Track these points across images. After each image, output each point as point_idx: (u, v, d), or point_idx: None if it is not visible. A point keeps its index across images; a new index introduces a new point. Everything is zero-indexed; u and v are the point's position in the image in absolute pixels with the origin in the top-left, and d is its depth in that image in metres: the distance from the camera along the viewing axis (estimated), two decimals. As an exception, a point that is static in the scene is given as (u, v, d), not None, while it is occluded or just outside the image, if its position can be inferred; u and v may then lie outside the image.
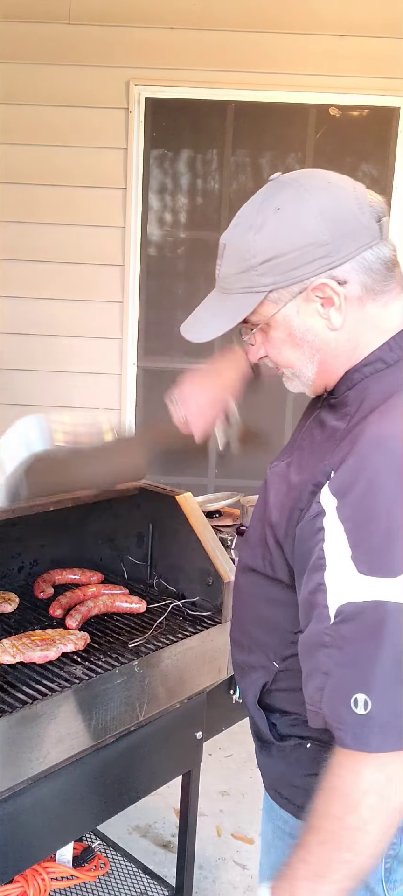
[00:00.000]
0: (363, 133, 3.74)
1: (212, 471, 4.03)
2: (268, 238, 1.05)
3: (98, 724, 1.55)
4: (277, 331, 1.09)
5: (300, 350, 1.09)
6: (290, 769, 1.19)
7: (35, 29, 3.60)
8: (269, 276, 1.05)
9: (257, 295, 1.06)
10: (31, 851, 1.56)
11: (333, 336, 1.06)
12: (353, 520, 0.95)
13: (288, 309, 1.06)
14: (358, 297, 1.04)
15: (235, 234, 1.12)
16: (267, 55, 3.60)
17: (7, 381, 3.86)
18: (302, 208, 1.04)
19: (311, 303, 1.05)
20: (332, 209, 1.02)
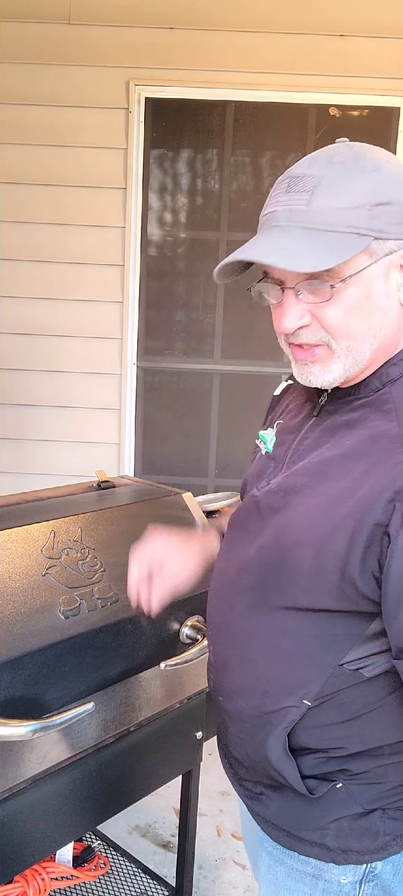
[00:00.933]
0: (363, 133, 3.73)
1: (212, 471, 4.03)
2: (388, 180, 0.97)
3: (98, 724, 1.56)
4: (356, 289, 0.96)
5: (368, 320, 0.98)
6: (320, 814, 1.10)
7: (35, 29, 3.60)
8: (379, 222, 0.95)
9: (363, 238, 0.94)
10: (31, 851, 1.56)
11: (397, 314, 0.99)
12: None
13: (378, 267, 0.96)
14: None
15: (338, 171, 0.99)
16: (267, 55, 3.60)
17: (7, 381, 3.86)
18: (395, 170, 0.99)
19: (394, 269, 0.97)
20: None
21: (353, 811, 1.08)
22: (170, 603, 1.38)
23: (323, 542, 0.99)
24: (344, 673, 1.03)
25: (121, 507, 1.86)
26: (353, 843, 1.10)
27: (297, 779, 1.10)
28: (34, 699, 1.40)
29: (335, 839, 1.10)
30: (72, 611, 1.51)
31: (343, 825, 1.08)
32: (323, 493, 1.00)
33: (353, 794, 1.09)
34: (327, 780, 1.10)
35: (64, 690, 1.46)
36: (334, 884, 1.12)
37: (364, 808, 1.09)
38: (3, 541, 1.55)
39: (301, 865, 1.14)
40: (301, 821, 1.12)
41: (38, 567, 1.55)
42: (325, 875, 1.12)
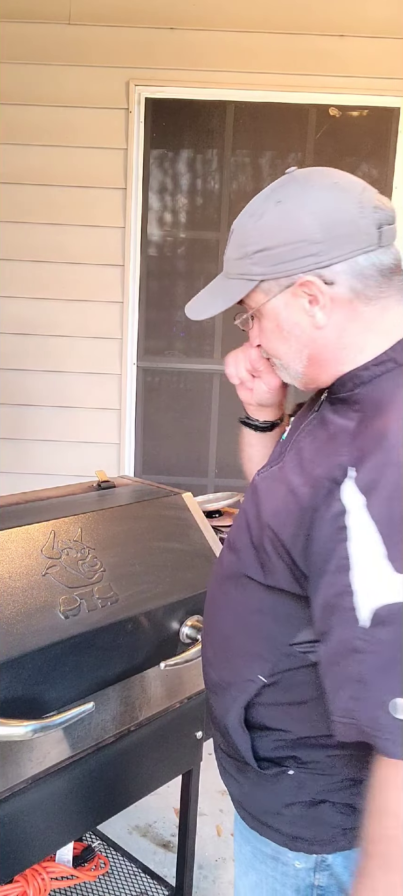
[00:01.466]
0: (363, 133, 3.74)
1: (212, 471, 4.03)
2: (265, 229, 1.07)
3: (98, 724, 1.56)
4: (268, 321, 1.12)
5: (287, 343, 1.11)
6: (274, 798, 1.16)
7: (35, 29, 3.60)
8: (261, 266, 1.08)
9: (249, 283, 1.10)
10: (31, 851, 1.56)
11: (319, 334, 1.08)
12: (388, 518, 0.92)
13: (276, 301, 1.09)
14: (348, 300, 1.05)
15: (241, 221, 1.13)
16: (267, 55, 3.60)
17: (7, 381, 3.86)
18: (300, 205, 1.05)
19: (299, 298, 1.07)
20: (330, 210, 1.03)
21: (303, 799, 1.11)
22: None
23: (279, 529, 1.06)
24: (294, 654, 1.08)
25: (121, 507, 1.86)
26: (303, 831, 1.13)
27: (248, 752, 1.14)
28: (34, 699, 1.40)
29: (288, 825, 1.14)
30: (72, 611, 1.51)
31: (295, 812, 1.12)
32: (289, 483, 1.07)
33: (303, 782, 1.12)
34: (279, 765, 1.14)
35: (64, 690, 1.46)
36: (290, 867, 1.16)
37: (313, 798, 1.12)
38: (3, 541, 1.55)
39: (262, 846, 1.19)
40: (259, 803, 1.18)
41: (38, 567, 1.55)
42: (282, 858, 1.17)
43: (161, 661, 1.62)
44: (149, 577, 1.70)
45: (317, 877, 1.15)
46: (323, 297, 1.04)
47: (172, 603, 1.70)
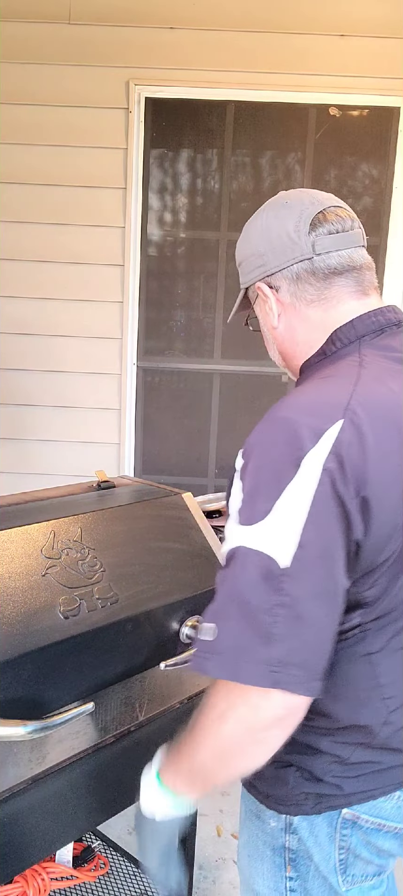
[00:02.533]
0: (363, 133, 3.74)
1: (212, 471, 4.03)
2: (239, 246, 1.31)
3: (98, 724, 1.56)
4: (258, 321, 1.32)
5: (266, 340, 1.32)
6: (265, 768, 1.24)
7: (35, 29, 3.60)
8: (241, 277, 1.30)
9: (241, 292, 1.32)
10: (31, 851, 1.56)
11: (277, 333, 1.26)
12: (245, 477, 1.06)
13: (256, 306, 1.31)
14: (290, 303, 1.21)
15: None
16: (267, 55, 3.60)
17: (7, 381, 3.86)
18: (254, 224, 1.26)
19: (262, 303, 1.26)
20: (271, 227, 1.21)
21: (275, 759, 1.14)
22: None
23: None
24: None
25: (121, 507, 1.86)
26: (273, 789, 1.23)
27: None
28: (34, 699, 1.40)
29: (263, 783, 1.24)
30: (72, 611, 1.51)
31: (268, 771, 1.17)
32: None
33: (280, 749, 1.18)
34: None
35: (64, 690, 1.46)
36: (267, 825, 1.26)
37: (281, 760, 1.17)
38: (3, 541, 1.55)
39: (250, 805, 1.31)
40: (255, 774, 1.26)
41: (38, 567, 1.55)
42: (262, 816, 1.27)
43: (161, 661, 1.62)
44: (149, 577, 1.70)
45: (288, 838, 1.23)
46: (269, 300, 1.23)
47: (172, 603, 1.69)
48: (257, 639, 0.97)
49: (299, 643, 0.98)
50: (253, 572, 0.99)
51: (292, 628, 0.97)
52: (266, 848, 1.27)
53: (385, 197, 3.75)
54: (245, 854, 1.36)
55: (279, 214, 1.21)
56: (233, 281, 3.88)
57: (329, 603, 1.00)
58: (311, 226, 1.17)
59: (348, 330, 1.17)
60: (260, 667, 0.97)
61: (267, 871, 1.28)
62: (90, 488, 2.03)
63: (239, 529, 1.03)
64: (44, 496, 1.92)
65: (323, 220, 1.18)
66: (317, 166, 3.76)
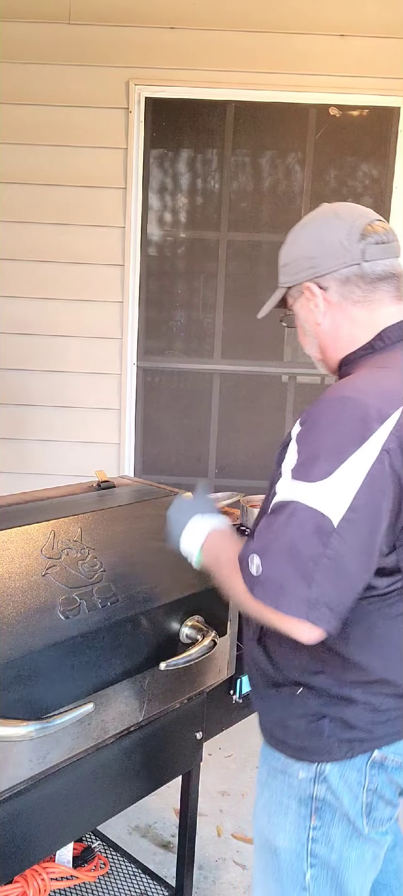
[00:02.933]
0: (363, 133, 3.74)
1: (212, 471, 4.03)
2: (286, 249, 1.48)
3: (98, 724, 1.56)
4: (297, 318, 1.48)
5: (305, 336, 1.48)
6: (285, 712, 1.39)
7: (35, 29, 3.60)
8: (285, 277, 1.47)
9: (280, 290, 1.49)
10: (31, 851, 1.56)
11: (320, 329, 1.42)
12: (302, 441, 1.24)
13: (297, 304, 1.46)
14: (337, 303, 1.38)
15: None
16: (267, 55, 3.60)
17: (7, 381, 3.86)
18: (305, 231, 1.44)
19: (307, 301, 1.42)
20: (324, 235, 1.38)
21: (307, 714, 1.36)
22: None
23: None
24: None
25: (121, 507, 1.86)
26: (306, 742, 1.37)
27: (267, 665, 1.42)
28: (34, 699, 1.40)
29: (294, 737, 1.38)
30: (72, 611, 1.51)
31: (300, 725, 1.36)
32: None
33: (308, 700, 1.36)
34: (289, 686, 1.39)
35: (64, 690, 1.46)
36: (294, 779, 1.39)
37: (315, 714, 1.35)
38: (3, 541, 1.55)
39: (274, 762, 1.43)
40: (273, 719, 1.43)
41: (38, 567, 1.55)
42: (289, 770, 1.40)
43: (161, 661, 1.62)
44: (149, 577, 1.70)
45: (316, 788, 1.37)
46: (318, 298, 1.39)
47: (172, 603, 1.69)
48: (300, 580, 1.15)
49: (333, 590, 1.16)
50: (307, 525, 1.16)
51: (331, 577, 1.15)
52: (291, 801, 1.40)
53: (385, 197, 3.75)
54: (264, 814, 1.48)
55: (331, 223, 1.38)
56: (233, 281, 3.88)
57: (364, 563, 1.19)
58: (361, 235, 1.34)
59: (396, 329, 1.35)
60: (298, 602, 1.15)
61: (291, 823, 1.41)
62: (90, 488, 2.03)
63: (295, 485, 1.19)
64: (44, 496, 1.92)
65: (371, 232, 1.35)
66: (317, 166, 3.76)
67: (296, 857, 1.41)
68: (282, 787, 1.42)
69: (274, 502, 1.23)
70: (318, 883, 1.40)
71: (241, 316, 3.92)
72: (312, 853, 1.39)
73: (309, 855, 1.39)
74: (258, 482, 2.57)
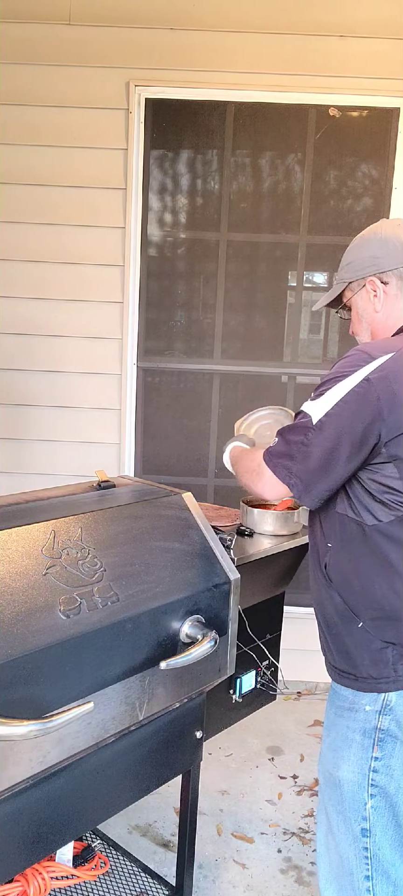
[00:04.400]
0: (363, 133, 3.74)
1: (212, 471, 4.03)
2: (351, 249, 1.78)
3: (98, 723, 1.56)
4: (353, 309, 1.78)
5: (360, 323, 1.77)
6: (350, 646, 1.61)
7: (35, 29, 3.60)
8: (347, 273, 1.77)
9: (341, 284, 1.79)
10: (31, 851, 1.57)
11: (377, 316, 1.72)
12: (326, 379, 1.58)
13: (356, 297, 1.76)
14: (394, 294, 1.70)
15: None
16: (266, 55, 3.60)
17: (7, 381, 3.86)
18: (371, 235, 1.74)
19: (367, 293, 1.72)
20: (389, 238, 1.70)
21: (372, 645, 1.58)
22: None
23: None
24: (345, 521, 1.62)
25: (121, 507, 1.86)
26: (373, 671, 1.57)
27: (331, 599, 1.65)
28: (34, 699, 1.40)
29: (360, 668, 1.59)
30: (72, 611, 1.51)
31: (365, 656, 1.58)
32: None
33: (370, 631, 1.58)
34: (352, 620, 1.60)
35: (64, 690, 1.46)
36: (361, 712, 1.59)
37: (379, 644, 1.57)
38: (3, 541, 1.55)
39: (342, 702, 1.63)
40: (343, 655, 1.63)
41: (38, 567, 1.56)
42: (356, 705, 1.59)
43: (161, 661, 1.62)
44: (149, 577, 1.70)
45: (381, 719, 1.56)
46: (380, 291, 1.70)
47: (172, 603, 1.70)
48: (287, 456, 1.60)
49: (303, 468, 1.58)
50: (300, 423, 1.60)
51: (303, 458, 1.57)
52: (355, 734, 1.59)
53: (384, 197, 3.75)
54: (330, 751, 1.65)
55: (394, 231, 1.70)
56: (233, 281, 3.88)
57: (328, 455, 1.55)
58: None
59: None
60: (283, 470, 1.61)
61: (354, 755, 1.59)
62: (90, 488, 2.03)
63: (306, 403, 1.61)
64: (44, 496, 1.92)
65: None
66: (317, 167, 3.76)
67: (358, 788, 1.57)
68: (348, 723, 1.61)
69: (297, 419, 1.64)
70: (378, 812, 1.56)
71: (241, 316, 3.92)
72: (373, 783, 1.56)
73: (370, 785, 1.56)
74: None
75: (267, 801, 3.02)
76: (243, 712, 2.45)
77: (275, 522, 2.41)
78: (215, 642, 1.70)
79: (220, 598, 1.83)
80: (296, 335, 3.91)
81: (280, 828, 2.85)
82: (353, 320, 1.79)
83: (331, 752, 1.64)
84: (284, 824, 2.88)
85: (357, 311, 1.76)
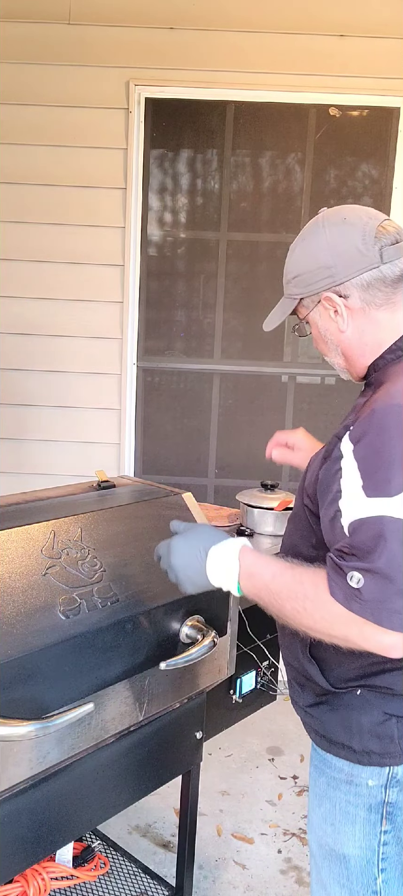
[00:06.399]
0: (363, 133, 3.74)
1: (212, 471, 4.03)
2: (295, 260, 1.45)
3: (98, 723, 1.56)
4: (313, 327, 1.46)
5: (326, 344, 1.45)
6: (346, 715, 1.37)
7: (35, 29, 3.60)
8: (297, 288, 1.44)
9: (293, 301, 1.47)
10: (31, 851, 1.57)
11: (344, 336, 1.40)
12: (365, 458, 1.21)
13: (313, 313, 1.44)
14: (360, 308, 1.37)
15: (287, 255, 1.49)
16: (267, 55, 3.60)
17: (7, 381, 3.86)
18: (316, 240, 1.40)
19: (325, 310, 1.40)
20: (338, 242, 1.36)
21: (372, 717, 1.35)
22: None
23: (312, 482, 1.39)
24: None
25: (121, 507, 1.86)
26: (373, 745, 1.36)
27: (320, 677, 1.39)
28: (34, 699, 1.40)
29: (359, 741, 1.36)
30: (73, 611, 1.51)
31: (364, 729, 1.35)
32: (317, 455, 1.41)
33: (371, 701, 1.35)
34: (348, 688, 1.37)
35: (64, 690, 1.46)
36: (363, 787, 1.38)
37: (380, 715, 1.35)
38: (3, 541, 1.55)
39: (337, 773, 1.41)
40: (333, 725, 1.40)
41: (38, 567, 1.55)
42: (356, 779, 1.38)
43: (161, 661, 1.62)
44: (149, 577, 1.70)
45: (388, 793, 1.37)
46: (340, 307, 1.37)
47: (172, 603, 1.69)
48: (399, 594, 1.16)
49: None
50: (375, 533, 1.17)
51: None
52: (359, 810, 1.39)
53: (384, 197, 3.75)
54: (326, 825, 1.45)
55: (342, 231, 1.37)
56: (233, 281, 3.88)
57: None
58: (375, 238, 1.34)
59: None
60: (397, 616, 1.17)
61: (360, 831, 1.40)
62: (90, 488, 2.03)
63: (375, 502, 1.18)
64: (44, 496, 1.92)
65: (383, 233, 1.35)
66: (317, 166, 3.76)
67: (367, 864, 1.41)
68: (348, 798, 1.40)
69: (353, 520, 1.21)
70: (389, 885, 1.42)
71: (241, 316, 3.92)
72: (383, 857, 1.40)
73: (380, 860, 1.40)
74: (258, 482, 2.57)
75: (267, 801, 3.02)
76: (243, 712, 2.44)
77: (275, 522, 2.40)
78: (215, 643, 1.69)
79: (220, 598, 1.82)
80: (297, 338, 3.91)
81: (280, 828, 2.85)
82: (316, 339, 1.48)
83: (329, 826, 1.44)
84: (284, 825, 2.88)
85: (318, 330, 1.45)
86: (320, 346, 1.48)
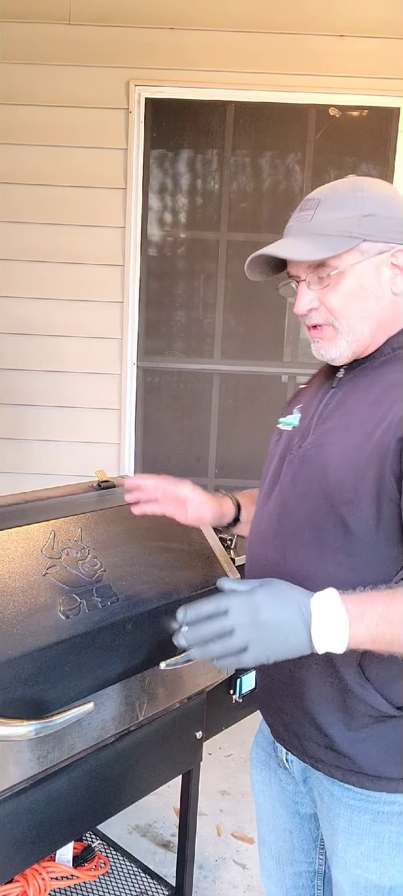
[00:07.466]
0: (363, 133, 3.74)
1: (212, 471, 4.03)
2: (373, 199, 1.25)
3: (98, 723, 1.56)
4: (350, 280, 1.24)
5: (364, 303, 1.25)
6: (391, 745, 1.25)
7: (35, 29, 3.60)
8: (366, 229, 1.23)
9: (353, 240, 1.22)
10: (31, 851, 1.57)
11: (396, 299, 1.26)
12: None
13: (369, 262, 1.24)
14: None
15: (335, 194, 1.28)
16: (267, 55, 3.60)
17: (7, 381, 3.86)
18: (392, 191, 1.30)
19: (388, 266, 1.24)
20: None
21: None
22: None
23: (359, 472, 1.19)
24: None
25: (121, 507, 1.86)
26: None
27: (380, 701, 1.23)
28: (34, 699, 1.40)
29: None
30: (72, 611, 1.51)
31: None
32: (355, 434, 1.22)
33: None
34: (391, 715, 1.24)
35: (64, 690, 1.46)
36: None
37: None
38: (3, 541, 1.55)
39: (387, 807, 1.28)
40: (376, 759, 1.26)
41: (38, 567, 1.55)
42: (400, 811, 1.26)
43: (161, 661, 1.62)
44: (149, 577, 1.70)
45: None
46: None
47: (172, 603, 1.69)
48: None
49: None
50: None
51: None
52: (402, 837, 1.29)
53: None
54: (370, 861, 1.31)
55: None
56: (233, 281, 3.88)
57: None
58: None
59: None
60: None
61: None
62: (90, 488, 2.03)
63: None
64: (44, 496, 1.92)
65: None
66: (317, 166, 3.76)
67: None
68: (399, 830, 1.29)
69: None
70: None
71: (241, 316, 3.92)
72: None
73: None
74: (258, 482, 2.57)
75: (267, 801, 3.02)
76: (243, 712, 2.44)
77: (275, 522, 2.40)
78: (215, 642, 1.69)
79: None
80: (296, 335, 3.91)
81: (280, 828, 2.85)
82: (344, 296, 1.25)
83: (373, 863, 1.31)
84: (284, 824, 2.87)
85: (361, 284, 1.24)
86: (347, 304, 1.26)
